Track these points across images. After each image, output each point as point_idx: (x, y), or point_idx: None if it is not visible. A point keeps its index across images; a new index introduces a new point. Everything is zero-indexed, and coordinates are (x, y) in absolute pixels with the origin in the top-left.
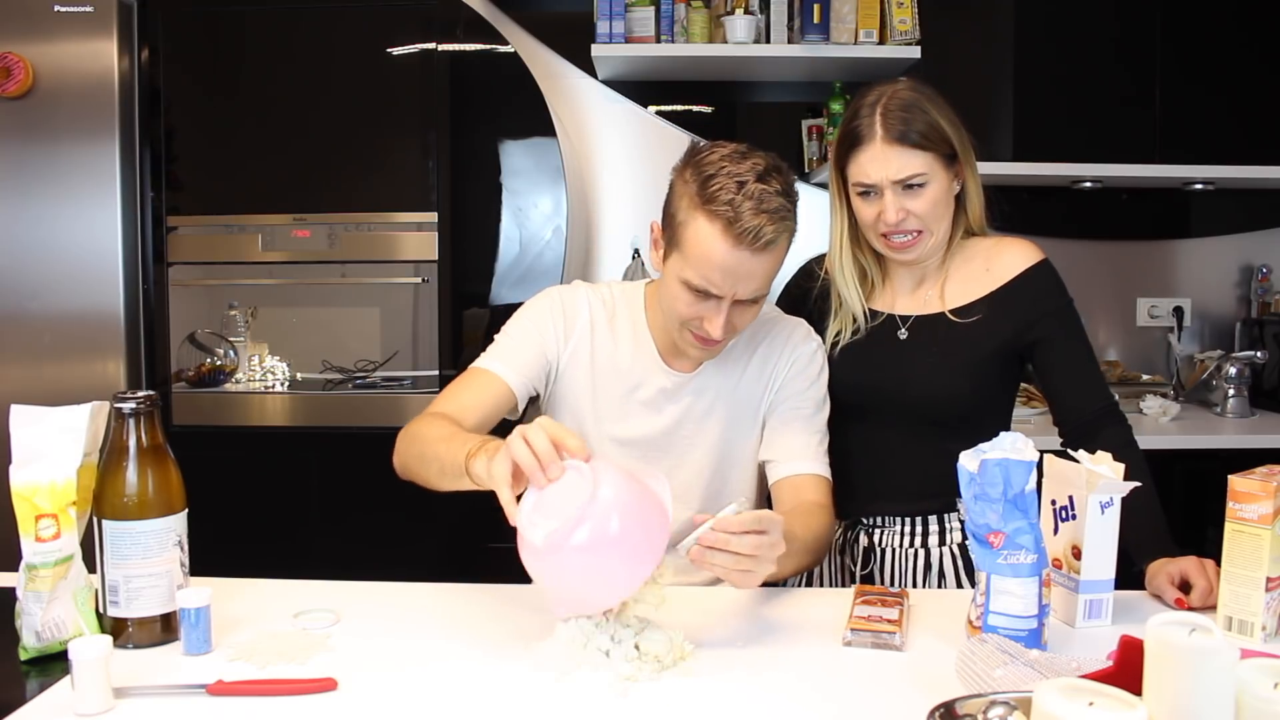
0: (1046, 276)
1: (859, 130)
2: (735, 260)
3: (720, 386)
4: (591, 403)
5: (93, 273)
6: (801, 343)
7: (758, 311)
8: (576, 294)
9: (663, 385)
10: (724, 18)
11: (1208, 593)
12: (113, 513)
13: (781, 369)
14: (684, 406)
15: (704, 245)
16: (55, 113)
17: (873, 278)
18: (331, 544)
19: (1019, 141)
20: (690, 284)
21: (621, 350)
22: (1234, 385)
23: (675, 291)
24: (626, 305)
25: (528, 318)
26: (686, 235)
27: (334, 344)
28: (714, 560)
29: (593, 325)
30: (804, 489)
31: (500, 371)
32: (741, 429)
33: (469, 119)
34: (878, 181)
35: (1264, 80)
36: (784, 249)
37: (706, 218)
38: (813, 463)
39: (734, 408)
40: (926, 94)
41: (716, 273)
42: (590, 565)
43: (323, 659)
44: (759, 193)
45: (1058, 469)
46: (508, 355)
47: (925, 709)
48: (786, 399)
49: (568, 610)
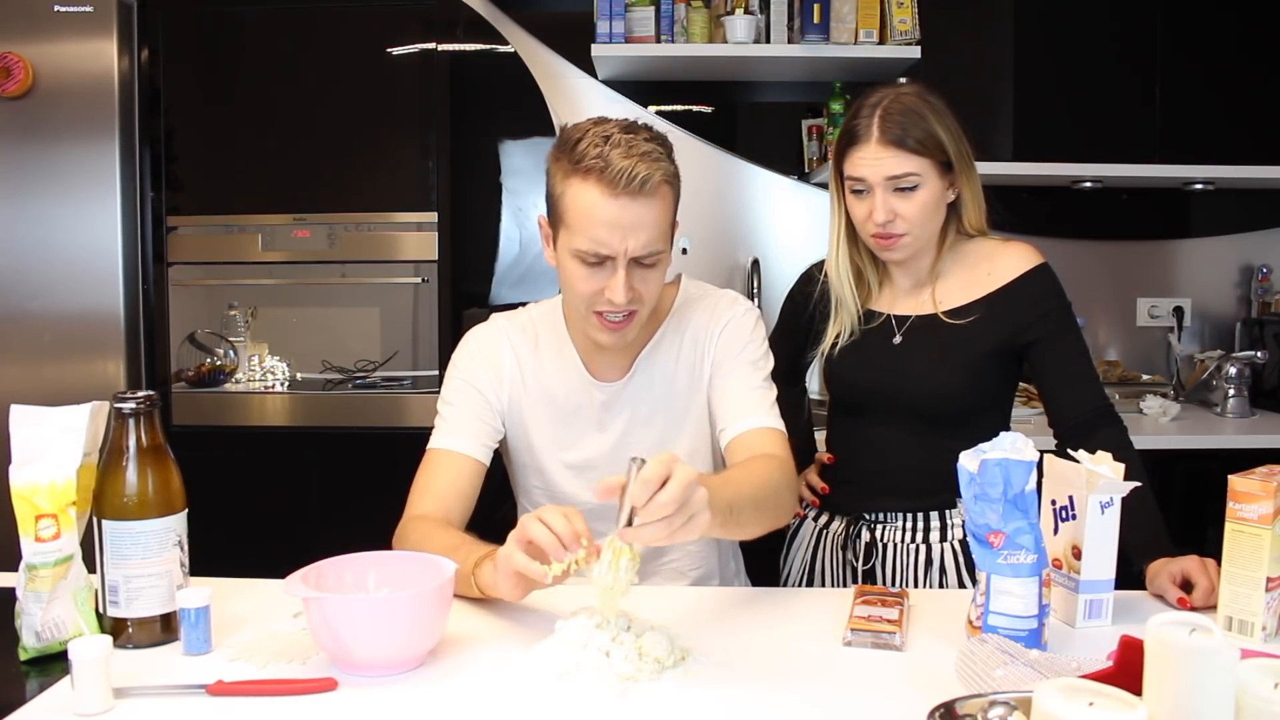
0: (1045, 279)
1: (857, 129)
2: (618, 209)
3: (657, 386)
4: (540, 436)
5: (93, 273)
6: (727, 310)
7: (660, 277)
8: (495, 335)
9: (599, 399)
10: (724, 18)
11: (1209, 592)
12: (113, 513)
13: (712, 343)
14: (626, 415)
15: (584, 204)
16: (55, 113)
17: (869, 278)
18: (331, 544)
19: (1019, 141)
20: (582, 253)
21: (550, 376)
22: (1234, 385)
23: (572, 269)
24: (547, 326)
25: (459, 378)
26: (566, 204)
27: (334, 344)
28: (643, 535)
29: (518, 361)
30: (751, 445)
31: (459, 447)
32: (691, 418)
33: (469, 119)
34: (870, 179)
35: (1264, 80)
36: (668, 196)
37: (580, 177)
38: (756, 416)
39: (675, 397)
40: (930, 102)
41: (602, 229)
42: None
43: (323, 659)
44: (625, 140)
45: (1058, 469)
46: (458, 427)
47: (925, 709)
48: (721, 365)
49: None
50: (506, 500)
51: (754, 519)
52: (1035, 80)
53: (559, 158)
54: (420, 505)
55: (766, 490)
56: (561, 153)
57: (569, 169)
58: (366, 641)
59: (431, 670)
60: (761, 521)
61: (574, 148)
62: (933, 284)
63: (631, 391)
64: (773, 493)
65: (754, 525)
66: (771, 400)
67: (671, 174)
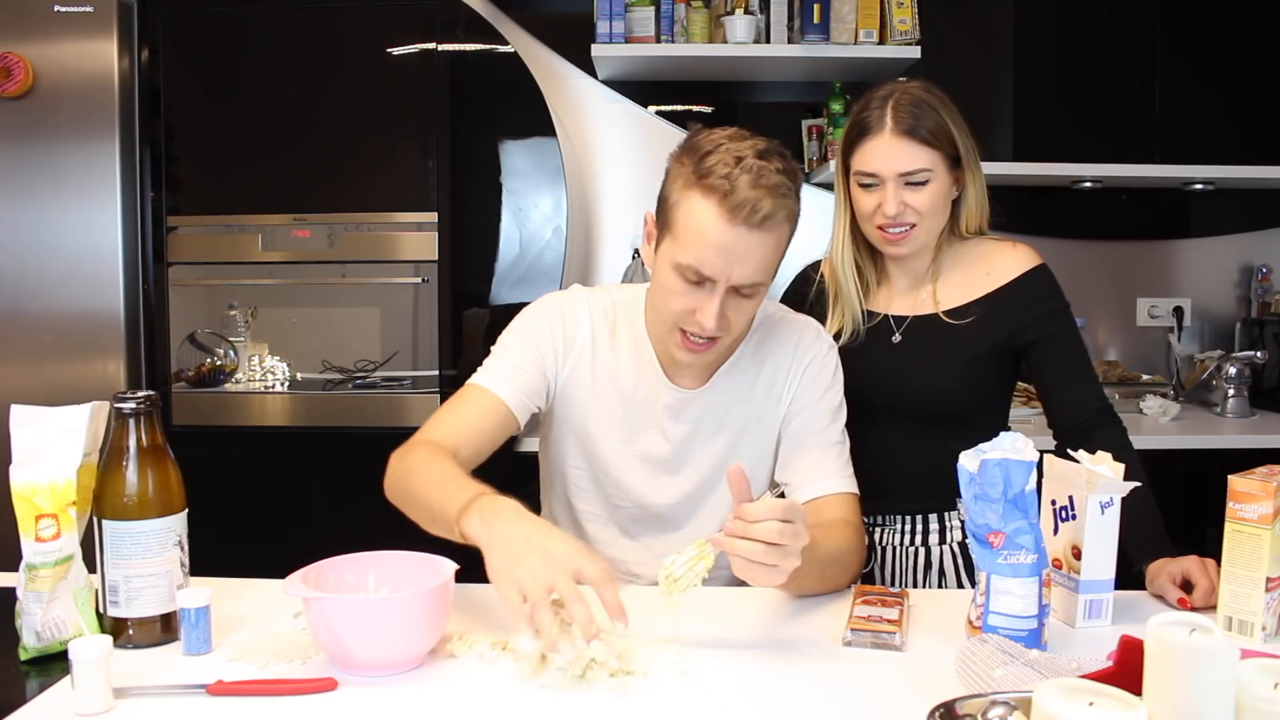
0: (1044, 280)
1: (868, 121)
2: (731, 238)
3: (729, 402)
4: (594, 421)
5: (93, 273)
6: (811, 346)
7: (754, 310)
8: (578, 306)
9: (667, 403)
10: (724, 18)
11: (1209, 592)
12: (113, 513)
13: (794, 379)
14: (691, 425)
15: (698, 221)
16: (55, 113)
17: (868, 277)
18: (331, 544)
19: (1019, 141)
20: (683, 268)
21: (623, 366)
22: (1234, 385)
23: (667, 281)
24: (627, 315)
25: (526, 331)
26: (679, 215)
27: (334, 344)
28: (737, 548)
29: (594, 340)
30: (825, 509)
31: (500, 391)
32: (753, 445)
33: (469, 119)
34: (882, 172)
35: (1264, 80)
36: (784, 234)
37: (701, 193)
38: (833, 480)
39: (745, 424)
40: (939, 96)
41: (710, 251)
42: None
43: (323, 659)
44: (757, 168)
45: (1058, 469)
46: (507, 372)
47: (925, 709)
48: (800, 412)
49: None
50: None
51: (821, 581)
52: (1035, 80)
53: (683, 163)
54: (434, 430)
55: (847, 562)
56: (687, 159)
57: (692, 179)
58: (366, 641)
59: (431, 670)
60: (827, 584)
61: (702, 159)
62: (933, 283)
63: (704, 401)
64: (851, 564)
65: (820, 585)
66: (847, 458)
67: (794, 213)
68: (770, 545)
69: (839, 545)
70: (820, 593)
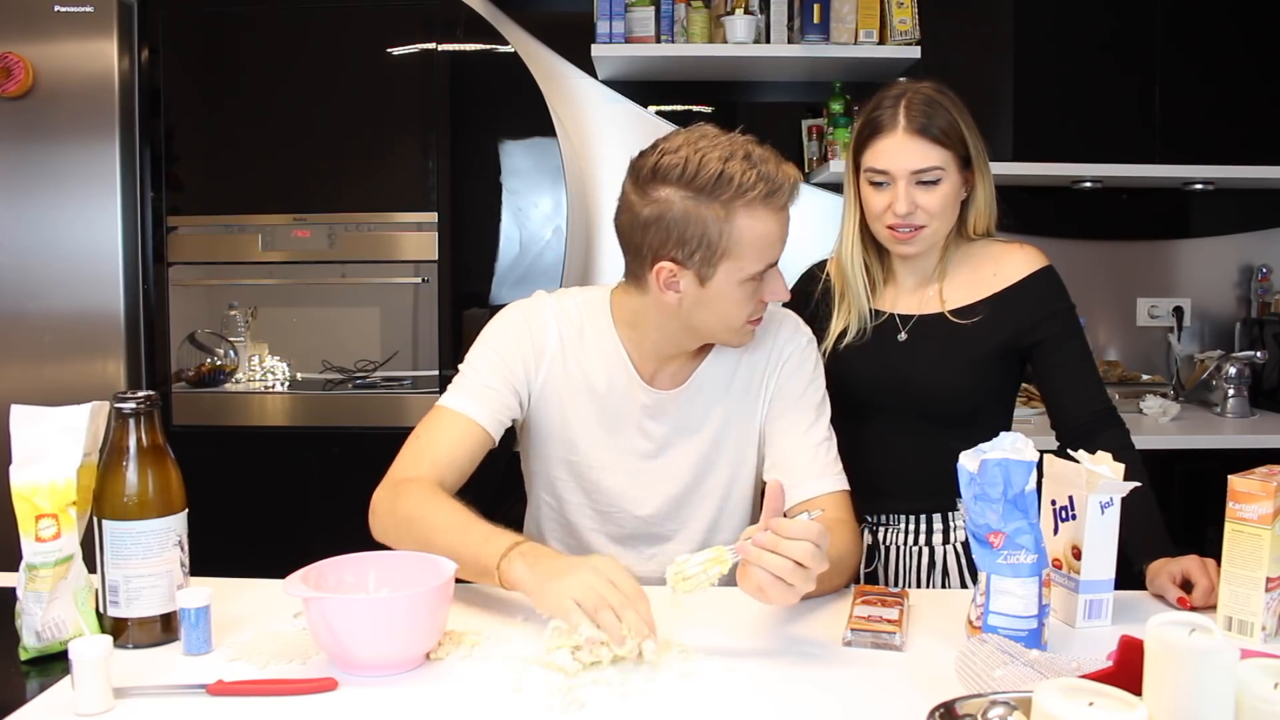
0: (1050, 281)
1: (880, 119)
2: (783, 225)
3: (709, 401)
4: (573, 424)
5: (93, 273)
6: (789, 339)
7: None
8: (542, 311)
9: (645, 403)
10: (724, 18)
11: (1209, 592)
12: (113, 513)
13: (773, 375)
14: (670, 424)
15: (759, 232)
16: (55, 113)
17: (875, 276)
18: (331, 544)
19: (1019, 141)
20: (753, 276)
21: (594, 367)
22: (1234, 385)
23: (734, 297)
24: (592, 319)
25: (491, 347)
26: (732, 241)
27: (334, 344)
28: (764, 560)
29: (563, 344)
30: (821, 509)
31: (472, 413)
32: (736, 443)
33: (469, 119)
34: (894, 170)
35: (1264, 80)
36: (799, 186)
37: (746, 209)
38: (825, 479)
39: (726, 422)
40: (951, 97)
41: (776, 246)
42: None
43: (323, 659)
44: (756, 154)
45: (1058, 469)
46: (476, 392)
47: (925, 709)
48: (784, 410)
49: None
50: (509, 500)
51: (819, 585)
52: (1035, 80)
53: (700, 201)
54: (416, 465)
55: (846, 563)
56: (703, 196)
57: (731, 206)
58: (366, 641)
59: (431, 670)
60: (824, 587)
61: (721, 186)
62: (939, 283)
63: (682, 399)
64: (850, 564)
65: (818, 589)
66: (835, 454)
67: (786, 158)
68: (797, 565)
69: (839, 550)
70: (824, 593)
